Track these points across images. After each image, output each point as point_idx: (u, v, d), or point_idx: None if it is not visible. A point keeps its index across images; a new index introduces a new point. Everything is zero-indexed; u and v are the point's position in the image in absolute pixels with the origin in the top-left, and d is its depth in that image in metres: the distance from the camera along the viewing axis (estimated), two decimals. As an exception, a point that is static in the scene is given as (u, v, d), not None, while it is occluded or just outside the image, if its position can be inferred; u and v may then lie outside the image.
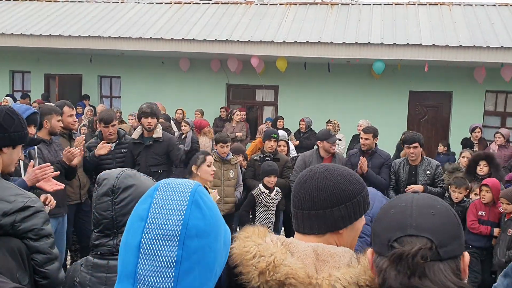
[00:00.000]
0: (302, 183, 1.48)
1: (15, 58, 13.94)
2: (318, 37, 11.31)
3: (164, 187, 1.10)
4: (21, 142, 2.50)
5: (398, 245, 1.11)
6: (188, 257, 1.02)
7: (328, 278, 1.27)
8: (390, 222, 1.16)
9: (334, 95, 12.46)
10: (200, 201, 1.08)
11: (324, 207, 1.43)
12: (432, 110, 12.58)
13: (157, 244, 1.02)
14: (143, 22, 12.75)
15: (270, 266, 1.28)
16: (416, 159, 5.67)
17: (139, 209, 1.08)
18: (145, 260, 1.03)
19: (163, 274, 1.02)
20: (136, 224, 1.06)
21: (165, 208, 1.05)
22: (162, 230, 1.03)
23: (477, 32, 11.09)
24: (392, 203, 1.23)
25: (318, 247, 1.36)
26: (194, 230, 1.04)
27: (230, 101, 13.38)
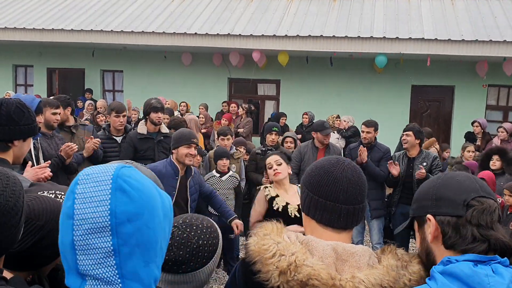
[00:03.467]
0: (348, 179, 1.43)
1: (18, 52, 13.96)
2: (320, 31, 11.30)
3: (84, 179, 1.08)
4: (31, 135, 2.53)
5: (476, 203, 1.26)
6: (125, 242, 1.03)
7: (352, 279, 1.26)
8: (462, 186, 1.31)
9: (336, 89, 12.46)
10: (124, 185, 1.06)
11: (363, 200, 1.45)
12: (434, 105, 12.57)
13: (90, 238, 1.02)
14: (145, 16, 12.75)
15: (291, 266, 1.26)
16: (408, 147, 5.73)
17: (65, 207, 1.07)
18: (82, 256, 1.03)
19: (104, 264, 1.03)
20: (65, 222, 1.06)
21: (89, 201, 1.04)
22: (91, 224, 1.03)
23: (479, 26, 11.06)
24: (451, 175, 1.38)
25: (338, 246, 1.34)
26: (124, 216, 1.03)
27: (232, 95, 13.38)
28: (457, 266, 1.20)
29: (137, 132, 5.42)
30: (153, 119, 5.38)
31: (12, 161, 2.46)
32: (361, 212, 1.45)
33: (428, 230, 1.34)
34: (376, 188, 5.91)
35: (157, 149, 5.40)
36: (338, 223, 1.41)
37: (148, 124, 5.44)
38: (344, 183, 1.42)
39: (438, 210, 1.31)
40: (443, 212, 1.30)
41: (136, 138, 5.37)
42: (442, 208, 1.30)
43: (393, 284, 1.26)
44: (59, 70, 14.15)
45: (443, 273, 1.22)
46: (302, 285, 1.25)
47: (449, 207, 1.29)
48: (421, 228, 1.38)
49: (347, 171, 1.44)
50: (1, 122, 2.36)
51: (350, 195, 1.42)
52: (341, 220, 1.41)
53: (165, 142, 5.48)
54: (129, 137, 5.40)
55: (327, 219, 1.42)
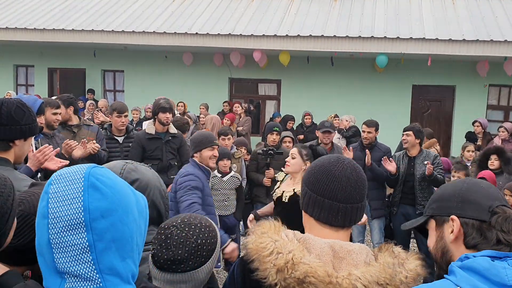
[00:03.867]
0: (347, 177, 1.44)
1: (19, 52, 13.96)
2: (321, 31, 11.30)
3: (57, 179, 1.10)
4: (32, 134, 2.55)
5: (500, 211, 1.34)
6: (100, 238, 1.05)
7: (348, 277, 1.27)
8: (487, 193, 1.38)
9: (337, 89, 12.46)
10: (97, 183, 1.08)
11: (362, 199, 1.47)
12: (435, 104, 12.57)
13: (65, 235, 1.04)
14: (146, 16, 12.75)
15: (288, 264, 1.27)
16: (409, 147, 5.73)
17: (40, 207, 1.09)
18: (59, 254, 1.05)
19: (81, 260, 1.05)
20: (40, 222, 1.08)
21: (63, 200, 1.06)
22: (65, 221, 1.05)
23: (480, 25, 11.06)
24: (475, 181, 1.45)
25: (335, 244, 1.36)
26: (97, 212, 1.05)
27: (233, 95, 13.38)
28: (475, 261, 1.25)
29: (145, 132, 5.43)
30: (161, 119, 5.37)
31: (13, 160, 2.46)
32: (360, 211, 1.46)
33: (449, 230, 1.39)
34: (377, 188, 5.90)
35: (165, 149, 5.40)
36: (336, 221, 1.43)
37: (156, 124, 5.44)
38: (342, 181, 1.43)
39: (463, 212, 1.38)
40: (468, 214, 1.37)
41: (145, 138, 5.37)
42: (468, 211, 1.37)
43: (389, 281, 1.27)
44: (60, 70, 14.15)
45: (461, 267, 1.26)
46: (299, 283, 1.26)
47: (474, 211, 1.36)
48: (440, 227, 1.43)
49: (346, 169, 1.45)
50: (2, 122, 2.37)
51: (349, 193, 1.43)
52: (339, 218, 1.42)
53: (173, 142, 5.48)
54: (137, 137, 5.41)
55: (324, 217, 1.44)
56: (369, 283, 1.26)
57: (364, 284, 1.26)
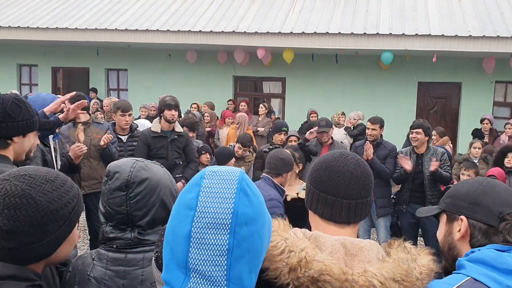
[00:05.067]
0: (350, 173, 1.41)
1: (22, 51, 13.95)
2: (325, 28, 11.22)
3: (211, 175, 1.09)
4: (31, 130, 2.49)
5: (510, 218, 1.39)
6: (239, 244, 1.03)
7: (364, 274, 1.23)
8: (500, 198, 1.41)
9: (342, 86, 12.38)
10: (247, 189, 1.08)
11: (368, 195, 1.44)
12: (441, 101, 12.48)
13: (208, 232, 1.03)
14: (150, 14, 12.71)
15: (302, 262, 1.23)
16: (419, 145, 5.67)
17: (186, 198, 1.08)
18: (196, 249, 1.03)
19: (216, 262, 1.02)
20: (183, 212, 1.06)
21: (214, 197, 1.05)
22: (212, 218, 1.03)
23: (486, 21, 10.95)
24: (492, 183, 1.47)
25: (346, 241, 1.32)
26: (243, 217, 1.04)
27: (237, 94, 13.33)
28: (482, 252, 1.34)
29: (150, 130, 5.39)
30: (167, 116, 5.34)
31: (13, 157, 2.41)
32: (365, 206, 1.42)
33: (457, 228, 1.46)
34: (382, 186, 5.85)
35: (170, 148, 5.37)
36: (340, 217, 1.40)
37: (162, 122, 5.41)
38: (345, 177, 1.40)
39: (472, 214, 1.43)
40: (477, 217, 1.42)
41: (150, 136, 5.34)
42: (477, 214, 1.43)
43: (405, 277, 1.24)
44: (64, 69, 14.13)
45: (469, 260, 1.34)
46: (314, 281, 1.21)
47: (484, 215, 1.42)
48: (450, 223, 1.51)
49: (349, 165, 1.42)
50: None
51: (352, 189, 1.40)
52: (343, 214, 1.40)
53: (178, 141, 5.45)
54: (143, 135, 5.39)
55: (328, 214, 1.41)
56: (385, 280, 1.22)
57: (381, 280, 1.22)
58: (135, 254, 1.71)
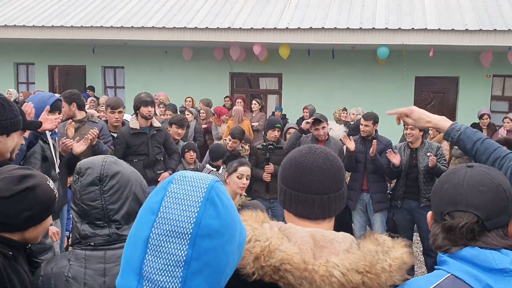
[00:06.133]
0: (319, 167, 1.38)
1: (19, 50, 13.93)
2: (321, 23, 11.17)
3: (180, 180, 1.03)
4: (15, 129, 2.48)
5: (449, 218, 1.33)
6: (198, 257, 0.97)
7: (326, 264, 1.22)
8: (444, 196, 1.37)
9: (339, 81, 12.34)
10: (216, 199, 1.01)
11: (340, 187, 1.41)
12: (438, 96, 12.43)
13: (167, 240, 0.97)
14: (145, 11, 12.66)
15: (265, 252, 1.22)
16: (414, 140, 5.66)
17: (151, 201, 1.03)
18: (152, 257, 0.97)
19: (171, 273, 0.96)
20: (146, 216, 1.01)
21: (178, 203, 0.99)
22: (173, 226, 0.98)
23: (483, 15, 10.89)
24: (447, 177, 1.40)
25: (316, 233, 1.31)
26: (206, 229, 0.98)
27: (234, 90, 13.30)
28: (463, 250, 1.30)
29: (129, 127, 5.37)
30: (143, 113, 5.35)
31: None
32: (339, 200, 1.40)
33: None
34: (379, 181, 5.84)
35: (150, 144, 5.35)
36: (314, 214, 1.37)
37: (139, 119, 5.40)
38: (315, 173, 1.37)
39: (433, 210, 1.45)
40: (434, 216, 1.44)
41: (129, 133, 5.32)
42: (434, 213, 1.44)
43: (369, 268, 1.22)
44: (60, 67, 14.11)
45: (451, 257, 1.32)
46: (275, 270, 1.21)
47: (435, 214, 1.43)
48: None
49: (318, 160, 1.39)
50: None
51: (323, 184, 1.37)
52: (316, 211, 1.37)
53: (158, 136, 5.44)
54: (121, 133, 5.36)
55: (301, 211, 1.39)
56: (347, 271, 1.20)
57: (342, 271, 1.20)
58: (114, 250, 1.69)
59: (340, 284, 1.20)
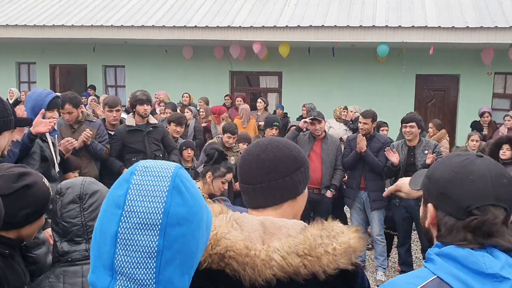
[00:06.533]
0: (255, 157, 1.44)
1: (20, 49, 13.98)
2: (321, 21, 11.14)
3: (142, 170, 1.02)
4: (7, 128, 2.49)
5: (479, 213, 1.21)
6: (170, 246, 0.97)
7: (267, 249, 1.27)
8: (471, 189, 1.23)
9: (339, 79, 12.31)
10: (182, 186, 1.01)
11: (285, 175, 1.43)
12: (439, 94, 12.39)
13: (136, 233, 0.96)
14: (145, 10, 12.67)
15: (212, 240, 1.27)
16: (412, 138, 5.63)
17: (114, 195, 1.01)
18: (123, 251, 0.97)
19: (144, 265, 0.96)
20: (111, 211, 1.00)
21: (144, 195, 0.99)
22: (141, 218, 0.97)
23: (484, 12, 10.83)
24: (465, 168, 1.27)
25: (266, 220, 1.35)
26: (175, 217, 0.98)
27: (234, 89, 13.29)
28: (453, 248, 1.21)
29: (125, 125, 5.37)
30: (139, 111, 5.33)
31: None
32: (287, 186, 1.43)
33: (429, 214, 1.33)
34: (376, 179, 5.82)
35: (147, 141, 5.34)
36: (255, 202, 1.43)
37: (136, 117, 5.40)
38: (252, 163, 1.43)
39: (440, 205, 1.29)
40: (444, 209, 1.27)
41: (125, 131, 5.31)
42: (445, 205, 1.27)
43: (308, 251, 1.26)
44: (62, 66, 14.15)
45: (439, 254, 1.23)
46: (221, 258, 1.26)
47: (451, 207, 1.25)
48: (425, 206, 1.36)
49: (258, 151, 1.44)
50: None
51: (259, 173, 1.42)
52: (259, 199, 1.43)
53: (155, 133, 5.42)
54: (117, 130, 5.35)
55: (247, 201, 1.47)
56: (287, 254, 1.25)
57: (282, 255, 1.25)
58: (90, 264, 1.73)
59: (280, 267, 1.24)
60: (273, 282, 1.25)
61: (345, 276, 1.31)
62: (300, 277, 1.25)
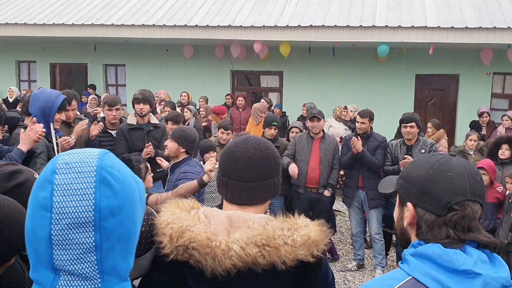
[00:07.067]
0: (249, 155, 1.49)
1: (20, 48, 13.96)
2: (322, 21, 11.17)
3: (64, 168, 0.99)
4: None
5: (458, 208, 1.24)
6: (107, 238, 0.97)
7: (227, 239, 1.33)
8: (450, 185, 1.26)
9: (339, 79, 12.34)
10: (108, 177, 0.99)
11: (273, 176, 1.51)
12: (438, 94, 12.42)
13: (71, 233, 0.95)
14: (146, 9, 12.68)
15: (177, 233, 1.33)
16: (412, 138, 5.70)
17: (39, 197, 0.98)
18: (60, 251, 0.96)
19: (84, 259, 0.96)
20: (40, 213, 0.97)
21: (71, 194, 0.96)
22: (72, 218, 0.96)
23: (483, 12, 10.87)
24: (443, 166, 1.30)
25: (233, 214, 1.42)
26: (107, 210, 0.97)
27: (234, 88, 13.31)
28: (428, 247, 1.23)
29: (127, 123, 5.44)
30: (136, 110, 5.41)
31: None
32: (268, 188, 1.50)
33: (406, 214, 1.34)
34: (374, 178, 5.85)
35: (147, 140, 5.38)
36: (240, 199, 1.49)
37: (136, 116, 5.47)
38: (243, 162, 1.48)
39: (419, 203, 1.31)
40: (424, 207, 1.30)
41: (126, 129, 5.37)
42: (425, 203, 1.30)
43: (266, 242, 1.32)
44: (62, 65, 14.15)
45: (414, 255, 1.25)
46: (185, 249, 1.32)
47: (431, 204, 1.28)
48: (401, 206, 1.38)
49: (249, 149, 1.49)
50: None
51: (250, 172, 1.48)
52: (242, 197, 1.48)
53: (155, 132, 5.47)
54: (120, 129, 5.41)
55: (230, 196, 1.51)
56: (246, 244, 1.31)
57: (241, 245, 1.31)
58: None
59: (238, 257, 1.30)
60: (232, 271, 1.30)
61: (307, 268, 1.37)
62: (259, 267, 1.31)
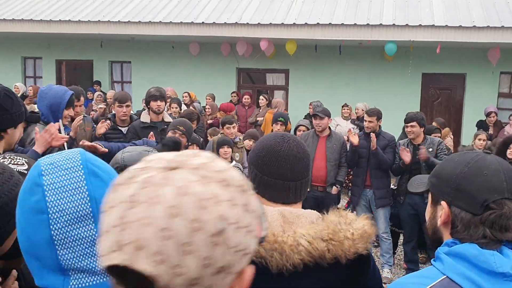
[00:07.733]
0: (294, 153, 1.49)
1: (26, 44, 13.99)
2: (328, 19, 11.14)
3: (50, 169, 1.00)
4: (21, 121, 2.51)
5: (496, 206, 1.21)
6: None
7: (293, 235, 1.33)
8: (487, 183, 1.23)
9: (345, 77, 12.31)
10: (95, 169, 1.02)
11: (308, 174, 1.53)
12: (445, 93, 12.37)
13: (71, 229, 0.96)
14: (153, 6, 12.68)
15: None
16: (415, 137, 5.68)
17: (30, 202, 0.97)
18: (65, 250, 0.96)
19: (89, 254, 0.97)
20: (34, 218, 0.96)
21: (64, 191, 0.97)
22: (70, 214, 0.96)
23: (491, 11, 10.81)
24: (478, 163, 1.28)
25: (284, 211, 1.42)
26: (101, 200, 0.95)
27: (240, 86, 13.30)
28: (463, 247, 1.20)
29: (140, 121, 5.40)
30: (153, 107, 5.36)
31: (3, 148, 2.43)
32: (306, 184, 1.53)
33: (439, 213, 1.31)
34: (382, 177, 5.84)
35: (160, 138, 5.37)
36: (288, 198, 1.48)
37: (150, 114, 5.43)
38: (290, 161, 1.48)
39: (454, 201, 1.27)
40: (459, 205, 1.26)
41: (139, 127, 5.34)
42: (460, 201, 1.26)
43: (332, 236, 1.33)
44: (68, 61, 14.17)
45: (448, 254, 1.22)
46: None
47: (467, 203, 1.25)
48: (434, 206, 1.35)
49: (293, 148, 1.49)
50: None
51: (297, 171, 1.48)
52: (291, 196, 1.48)
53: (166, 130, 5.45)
54: (133, 127, 5.38)
55: (276, 197, 1.49)
56: (313, 239, 1.32)
57: (308, 240, 1.32)
58: None
59: (307, 252, 1.30)
60: (300, 266, 1.30)
61: (361, 260, 1.39)
62: (325, 261, 1.32)
